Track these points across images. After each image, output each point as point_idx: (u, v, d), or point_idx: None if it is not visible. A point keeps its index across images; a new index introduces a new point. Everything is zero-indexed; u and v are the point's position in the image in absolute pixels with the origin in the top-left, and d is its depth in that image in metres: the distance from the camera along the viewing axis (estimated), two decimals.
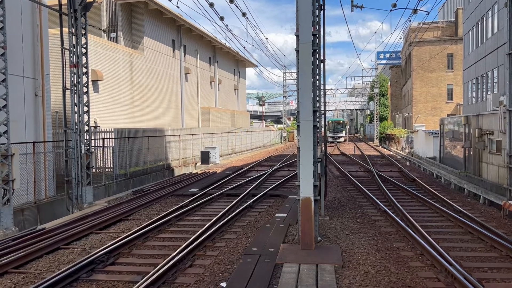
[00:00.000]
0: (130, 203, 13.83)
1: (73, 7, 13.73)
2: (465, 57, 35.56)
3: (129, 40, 29.70)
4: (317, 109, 8.88)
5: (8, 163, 11.01)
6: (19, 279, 7.26)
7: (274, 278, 7.03)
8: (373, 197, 13.78)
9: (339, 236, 9.56)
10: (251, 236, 9.68)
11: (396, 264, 7.69)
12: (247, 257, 8.03)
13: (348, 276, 7.12)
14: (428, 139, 30.21)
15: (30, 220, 13.32)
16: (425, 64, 48.83)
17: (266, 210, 12.68)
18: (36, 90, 15.42)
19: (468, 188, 15.70)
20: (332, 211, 12.33)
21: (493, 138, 15.58)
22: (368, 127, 76.87)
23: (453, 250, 8.55)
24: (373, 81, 65.12)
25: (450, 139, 23.69)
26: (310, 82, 8.43)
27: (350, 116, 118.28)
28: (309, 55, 8.48)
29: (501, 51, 23.69)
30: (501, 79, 24.45)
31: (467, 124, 18.71)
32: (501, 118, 13.71)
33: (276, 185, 17.04)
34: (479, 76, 30.75)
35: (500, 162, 14.70)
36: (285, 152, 40.26)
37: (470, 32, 33.03)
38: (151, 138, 22.89)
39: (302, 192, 8.40)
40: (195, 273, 7.38)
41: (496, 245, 8.73)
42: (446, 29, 51.37)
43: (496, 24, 26.38)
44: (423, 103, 49.79)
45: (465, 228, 10.21)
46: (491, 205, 13.37)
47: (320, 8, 9.70)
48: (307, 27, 8.46)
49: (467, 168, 18.94)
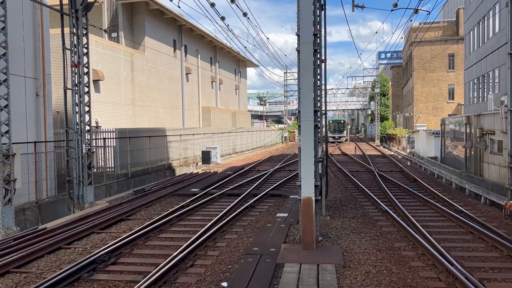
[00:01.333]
0: (131, 203, 13.85)
1: (74, 7, 13.76)
2: (466, 57, 35.52)
3: (130, 40, 29.72)
4: (318, 109, 8.88)
5: (9, 163, 11.02)
6: (20, 278, 7.27)
7: (275, 278, 7.03)
8: (374, 197, 13.77)
9: (340, 236, 9.56)
10: (252, 236, 9.68)
11: (397, 264, 7.69)
12: (248, 256, 8.03)
13: (349, 276, 7.12)
14: (429, 139, 30.19)
15: (32, 220, 13.35)
16: (426, 64, 48.79)
17: (267, 210, 12.68)
18: (37, 90, 15.43)
19: (469, 188, 15.69)
20: (333, 211, 12.33)
21: (494, 138, 15.57)
22: (369, 127, 76.83)
23: (454, 250, 8.55)
24: (374, 81, 65.08)
25: (451, 139, 23.68)
26: (311, 82, 8.43)
27: (351, 116, 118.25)
28: (310, 55, 8.48)
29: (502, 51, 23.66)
30: (502, 79, 24.43)
31: (468, 124, 18.69)
32: (502, 118, 13.70)
33: (277, 185, 17.04)
34: (480, 76, 30.72)
35: (501, 162, 14.69)
36: (286, 152, 40.25)
37: (471, 32, 32.99)
38: (152, 138, 22.91)
39: (303, 192, 8.40)
40: (196, 272, 7.38)
41: (497, 245, 8.72)
42: (447, 29, 51.33)
43: (497, 24, 26.34)
44: (424, 103, 49.76)
45: (466, 228, 10.20)
46: (492, 205, 13.35)
47: (321, 8, 9.71)
48: (308, 27, 8.46)
49: (468, 168, 18.93)
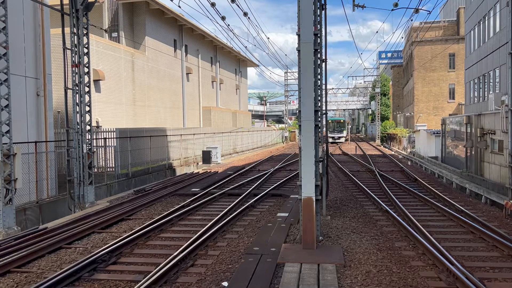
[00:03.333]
0: (132, 203, 13.85)
1: (74, 7, 13.76)
2: (467, 56, 35.49)
3: (131, 39, 29.73)
4: (318, 109, 8.89)
5: (10, 162, 11.04)
6: (21, 278, 7.28)
7: (275, 278, 7.03)
8: (375, 197, 13.77)
9: (341, 235, 9.56)
10: (253, 235, 9.69)
11: (398, 264, 7.69)
12: (249, 256, 8.03)
13: (349, 275, 7.12)
14: (429, 139, 30.17)
15: (32, 220, 13.36)
16: (426, 64, 48.76)
17: (268, 209, 12.68)
18: (38, 89, 15.45)
19: (470, 187, 15.68)
20: (334, 210, 12.33)
21: (495, 138, 15.57)
22: (369, 127, 76.81)
23: (454, 250, 8.55)
24: (375, 81, 65.05)
25: (451, 139, 23.67)
26: (311, 81, 8.44)
27: (352, 116, 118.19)
28: (311, 55, 8.48)
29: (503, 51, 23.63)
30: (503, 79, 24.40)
31: (469, 123, 18.69)
32: (503, 117, 13.70)
33: (278, 184, 17.04)
34: (481, 75, 30.69)
35: (502, 161, 14.68)
36: (287, 152, 40.25)
37: (472, 31, 32.96)
38: (153, 137, 22.91)
39: (304, 192, 8.40)
40: (196, 272, 7.39)
41: (498, 244, 8.72)
42: (448, 29, 51.29)
43: (498, 23, 26.31)
44: (425, 103, 49.73)
45: (466, 227, 10.20)
46: (493, 205, 13.35)
47: (322, 7, 9.71)
48: (309, 27, 8.47)
49: (469, 167, 18.92)
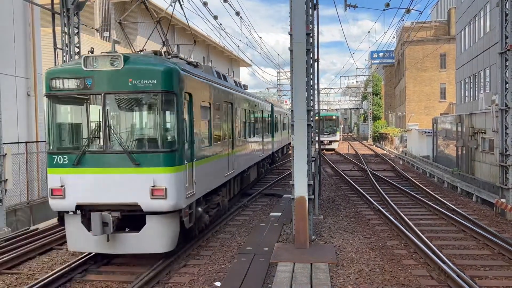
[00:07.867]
0: None
1: (65, 6, 13.61)
2: (458, 56, 35.75)
3: (122, 39, 29.55)
4: (311, 108, 8.91)
5: (0, 163, 10.92)
6: (12, 280, 7.21)
7: (268, 277, 7.04)
8: (367, 196, 13.83)
9: (333, 234, 9.59)
10: (246, 235, 9.68)
11: (390, 262, 7.73)
12: (242, 256, 8.03)
13: (342, 274, 7.14)
14: (421, 138, 30.37)
15: (23, 221, 13.22)
16: (418, 64, 49.03)
17: (261, 209, 12.68)
18: (28, 89, 15.32)
19: (461, 186, 15.79)
20: (326, 210, 12.36)
21: (485, 137, 15.71)
22: (362, 126, 77.02)
23: (446, 248, 8.61)
24: (367, 80, 65.29)
25: (443, 138, 23.84)
26: (304, 81, 8.45)
27: (344, 116, 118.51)
28: (303, 54, 8.50)
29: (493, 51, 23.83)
30: (493, 78, 24.60)
31: (460, 123, 18.84)
32: (493, 117, 13.82)
33: (271, 184, 17.05)
34: (471, 75, 30.93)
35: (492, 160, 14.82)
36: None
37: (463, 31, 33.21)
38: None
39: (296, 191, 8.41)
40: (189, 272, 7.37)
41: (488, 242, 8.80)
42: (439, 29, 51.62)
43: (488, 23, 26.52)
44: (416, 102, 50.01)
45: (458, 226, 10.28)
46: (483, 203, 13.46)
47: (314, 7, 9.72)
48: (301, 26, 8.48)
49: (460, 166, 19.07)
